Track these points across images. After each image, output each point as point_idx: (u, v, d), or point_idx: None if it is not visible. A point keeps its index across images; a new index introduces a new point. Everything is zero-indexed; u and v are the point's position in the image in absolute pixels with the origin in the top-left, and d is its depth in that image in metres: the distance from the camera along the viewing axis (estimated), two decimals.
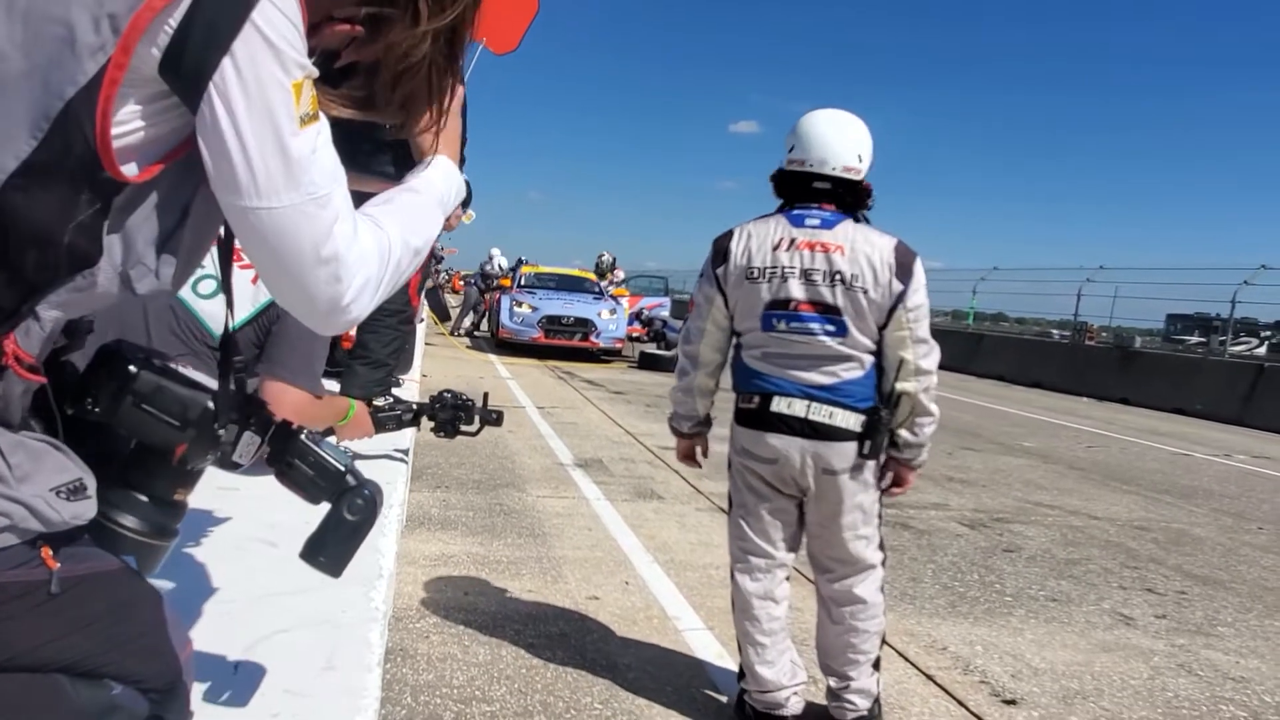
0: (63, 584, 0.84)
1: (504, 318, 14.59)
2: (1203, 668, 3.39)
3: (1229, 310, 16.73)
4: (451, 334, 15.38)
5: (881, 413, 2.38)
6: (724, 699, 2.78)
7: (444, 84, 0.98)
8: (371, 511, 1.06)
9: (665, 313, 16.12)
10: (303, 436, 1.07)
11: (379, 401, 3.04)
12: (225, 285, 1.05)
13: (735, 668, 2.97)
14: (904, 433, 2.45)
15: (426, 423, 2.87)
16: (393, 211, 0.96)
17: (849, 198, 2.44)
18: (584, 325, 14.32)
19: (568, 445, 6.80)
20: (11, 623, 0.81)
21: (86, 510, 0.86)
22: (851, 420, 2.38)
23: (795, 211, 2.45)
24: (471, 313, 17.27)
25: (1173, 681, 3.23)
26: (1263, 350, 22.78)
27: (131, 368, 0.94)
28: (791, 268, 2.39)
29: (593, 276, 17.30)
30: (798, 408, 2.39)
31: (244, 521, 1.89)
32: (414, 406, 2.86)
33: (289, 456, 1.05)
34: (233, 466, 1.03)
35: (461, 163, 1.13)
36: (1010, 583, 4.25)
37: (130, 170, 0.78)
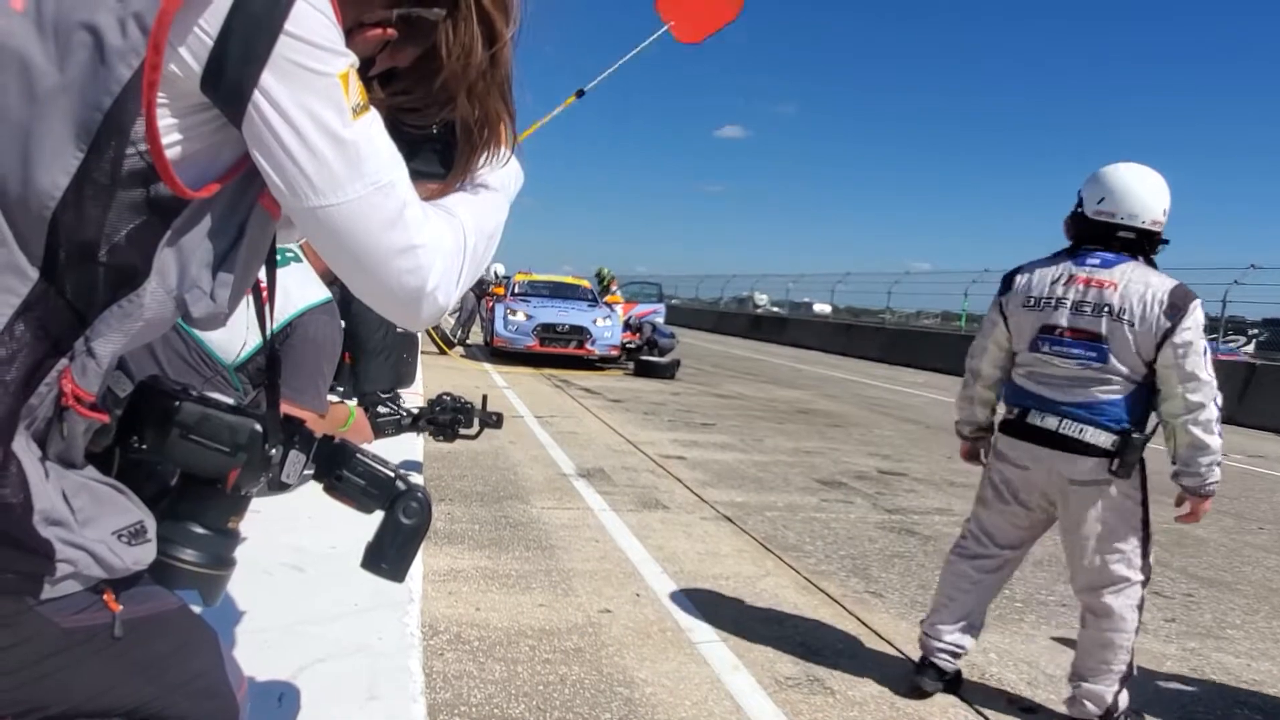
0: (125, 627, 0.83)
1: (498, 326, 14.55)
2: (1215, 671, 3.40)
3: (1219, 310, 16.87)
4: (458, 345, 15.30)
5: (1133, 435, 2.57)
6: (742, 711, 2.76)
7: (510, 89, 0.96)
8: (427, 514, 1.05)
9: (660, 318, 16.09)
10: (349, 448, 1.06)
11: (380, 409, 3.01)
12: (259, 307, 1.03)
13: (751, 679, 2.98)
14: (1179, 464, 2.63)
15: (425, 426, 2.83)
16: (460, 200, 0.95)
17: (1144, 244, 2.67)
18: (579, 333, 14.29)
19: (569, 455, 6.78)
20: (76, 669, 0.80)
21: (147, 555, 0.85)
22: (1102, 438, 2.59)
23: (1080, 254, 2.71)
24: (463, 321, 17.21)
25: (1186, 686, 3.24)
26: (1250, 348, 22.94)
27: (174, 401, 0.93)
28: (1065, 299, 2.67)
29: (586, 284, 17.27)
30: (1050, 422, 2.66)
31: (268, 546, 1.88)
32: (414, 411, 2.82)
33: (337, 470, 1.04)
34: (281, 488, 1.02)
35: (514, 141, 1.05)
36: (1019, 588, 4.26)
37: (188, 184, 0.77)
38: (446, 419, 2.80)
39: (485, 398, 2.93)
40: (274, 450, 0.98)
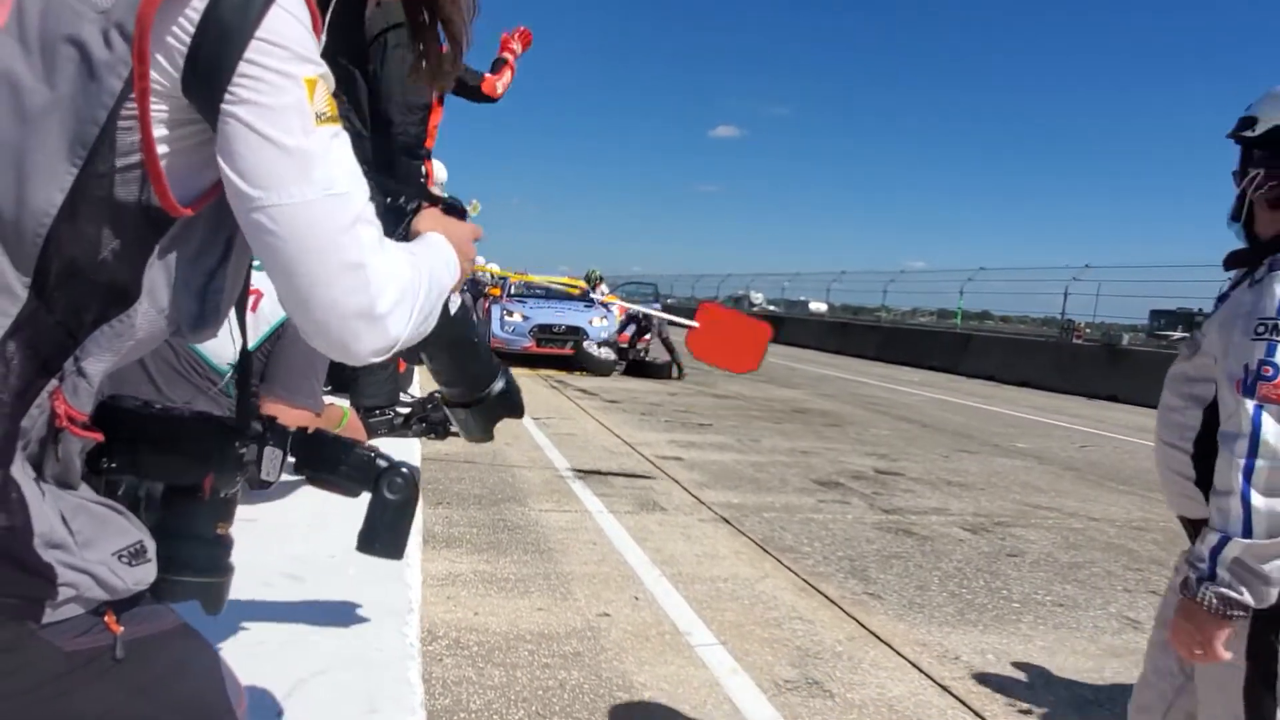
0: (126, 648, 0.83)
1: (495, 327, 14.54)
2: None
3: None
4: None
5: None
6: (741, 715, 2.76)
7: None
8: (412, 488, 1.05)
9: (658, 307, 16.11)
10: (324, 435, 1.06)
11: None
12: (239, 309, 1.03)
13: (750, 682, 2.97)
14: None
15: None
16: (416, 248, 0.94)
17: None
18: (576, 333, 14.29)
19: (566, 456, 6.78)
20: (79, 693, 0.80)
21: (148, 574, 0.85)
22: None
23: None
24: None
25: None
26: None
27: (135, 416, 0.94)
28: None
29: (583, 285, 17.29)
30: None
31: (265, 554, 1.87)
32: (405, 410, 2.83)
33: (317, 459, 1.04)
34: (263, 485, 1.02)
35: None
36: (1016, 588, 4.27)
37: (178, 199, 0.76)
38: (439, 416, 2.80)
39: None
40: (244, 449, 0.98)
